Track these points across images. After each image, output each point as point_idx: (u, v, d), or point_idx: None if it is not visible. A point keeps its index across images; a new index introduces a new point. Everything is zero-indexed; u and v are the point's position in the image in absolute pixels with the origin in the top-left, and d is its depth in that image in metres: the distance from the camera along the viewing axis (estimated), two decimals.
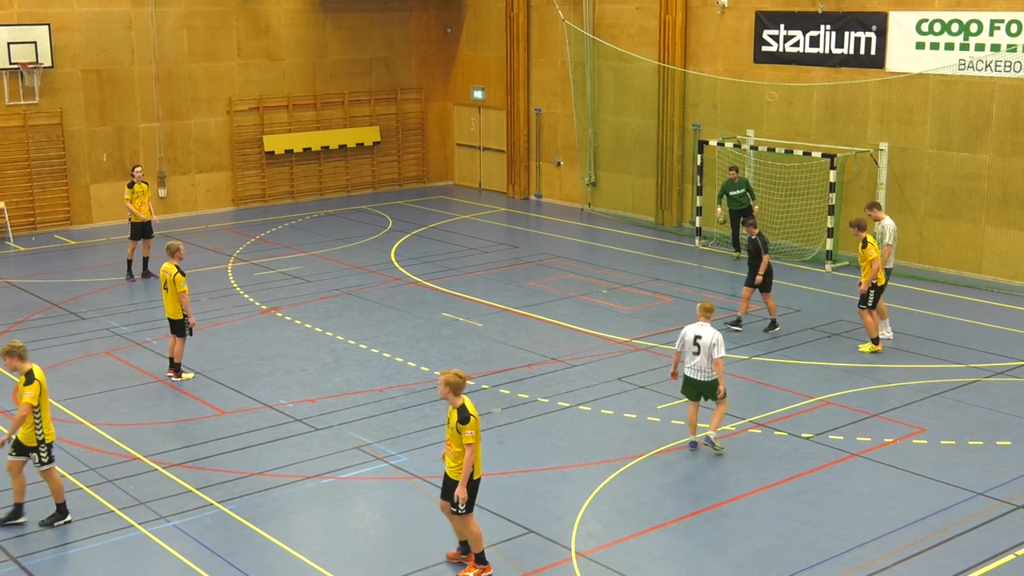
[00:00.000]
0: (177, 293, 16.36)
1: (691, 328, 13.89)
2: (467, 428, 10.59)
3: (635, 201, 28.57)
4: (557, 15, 29.42)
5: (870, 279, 17.50)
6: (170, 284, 16.44)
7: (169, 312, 16.63)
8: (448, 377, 10.71)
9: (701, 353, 13.70)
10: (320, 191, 31.44)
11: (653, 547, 11.68)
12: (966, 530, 11.94)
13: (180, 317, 16.54)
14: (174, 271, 16.41)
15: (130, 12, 27.62)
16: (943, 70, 22.25)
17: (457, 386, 10.70)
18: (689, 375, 13.89)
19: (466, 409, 10.67)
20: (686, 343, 13.82)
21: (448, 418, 10.85)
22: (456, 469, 10.78)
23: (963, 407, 15.47)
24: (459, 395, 10.73)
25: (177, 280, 16.35)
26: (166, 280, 16.51)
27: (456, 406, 10.73)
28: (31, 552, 11.57)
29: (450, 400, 10.76)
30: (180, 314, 16.51)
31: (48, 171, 27.04)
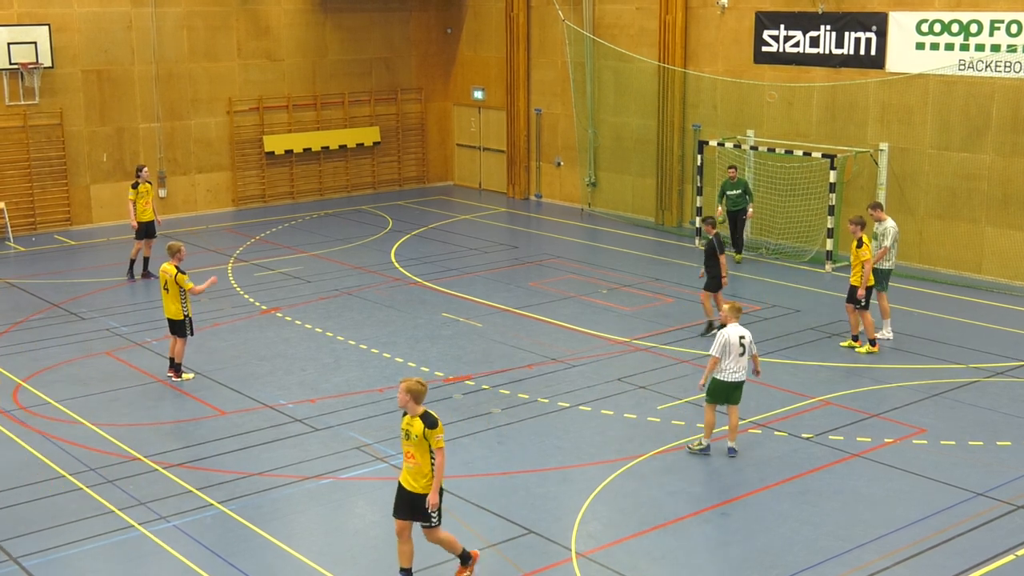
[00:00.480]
0: (177, 293, 16.35)
1: (732, 331, 13.65)
2: (437, 432, 10.30)
3: (635, 201, 28.57)
4: (557, 15, 29.42)
5: (864, 280, 17.56)
6: (170, 284, 16.42)
7: (168, 312, 16.61)
8: (411, 385, 10.35)
9: (746, 353, 13.63)
10: (320, 191, 31.44)
11: (653, 547, 11.68)
12: (966, 530, 11.94)
13: (180, 317, 16.53)
14: (174, 272, 16.40)
15: (130, 12, 27.63)
16: (943, 70, 22.25)
17: (419, 394, 10.35)
18: (722, 378, 13.63)
19: (431, 414, 10.39)
20: (731, 346, 13.56)
21: (406, 429, 10.42)
22: (427, 483, 10.39)
23: (963, 407, 15.47)
24: (420, 403, 10.38)
25: (180, 279, 16.35)
26: (166, 280, 16.49)
27: (417, 414, 10.37)
28: (31, 552, 11.57)
29: (410, 409, 10.38)
30: (180, 314, 16.51)
31: (48, 171, 27.04)
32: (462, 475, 13.38)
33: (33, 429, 14.88)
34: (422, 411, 10.40)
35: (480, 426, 14.86)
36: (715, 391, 13.77)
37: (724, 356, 13.63)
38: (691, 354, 17.73)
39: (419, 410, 10.39)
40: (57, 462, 13.79)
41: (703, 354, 17.67)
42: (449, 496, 12.77)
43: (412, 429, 10.38)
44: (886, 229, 18.22)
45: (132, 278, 22.47)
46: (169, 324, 16.73)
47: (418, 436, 10.33)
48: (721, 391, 13.75)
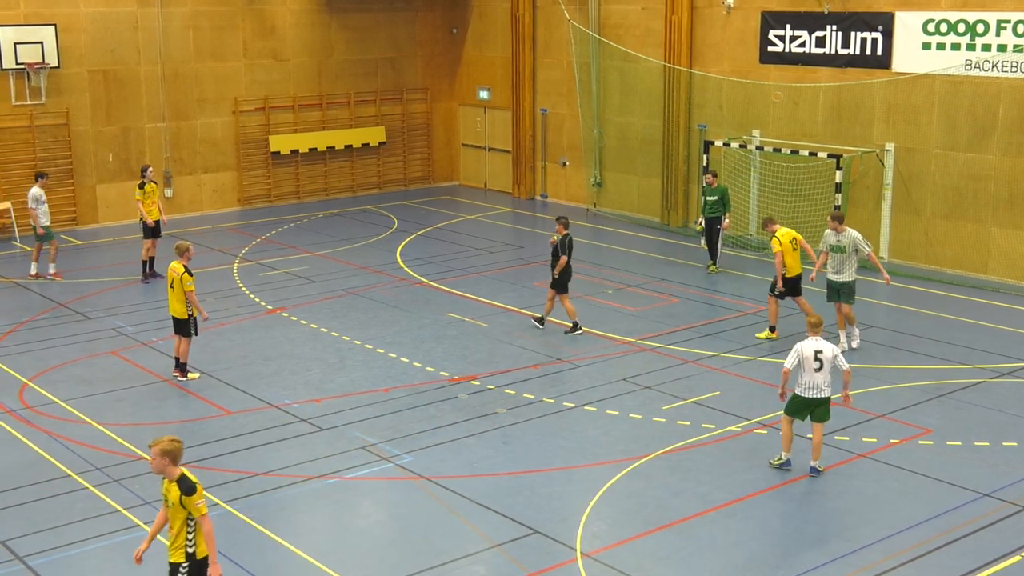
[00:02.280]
0: (184, 292, 16.35)
1: (808, 344, 13.27)
2: (196, 498, 9.11)
3: (640, 201, 28.55)
4: (563, 15, 29.41)
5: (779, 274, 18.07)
6: (176, 283, 16.43)
7: (174, 311, 16.61)
8: (164, 445, 9.15)
9: (824, 368, 13.20)
10: (325, 191, 31.46)
11: (658, 548, 11.67)
12: (972, 531, 11.92)
13: (185, 316, 16.52)
14: (181, 270, 16.38)
15: (136, 12, 27.66)
16: (949, 70, 22.21)
17: (176, 454, 9.20)
18: (799, 393, 13.29)
19: (187, 477, 9.19)
20: (806, 360, 13.19)
21: (164, 495, 9.28)
22: (182, 553, 9.33)
23: (969, 408, 15.45)
24: (178, 464, 9.24)
25: (184, 279, 16.34)
26: (173, 279, 16.49)
27: (174, 478, 9.18)
28: (37, 552, 11.59)
29: (167, 472, 9.17)
30: (185, 313, 16.50)
31: (54, 171, 27.05)
32: (467, 475, 13.39)
33: (39, 428, 14.91)
34: (179, 474, 9.21)
35: (485, 426, 14.86)
36: (793, 405, 13.39)
37: (799, 370, 13.24)
38: (696, 354, 17.72)
39: (176, 472, 9.21)
40: (63, 461, 13.81)
41: (707, 354, 17.70)
42: (454, 496, 12.79)
43: (169, 495, 9.23)
44: (855, 240, 17.49)
45: (147, 279, 22.40)
46: (174, 323, 16.72)
47: (175, 503, 9.18)
48: (799, 406, 13.33)
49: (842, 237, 17.47)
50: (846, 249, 17.45)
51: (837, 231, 17.53)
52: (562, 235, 18.73)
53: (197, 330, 16.77)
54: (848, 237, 17.45)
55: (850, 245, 17.44)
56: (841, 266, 17.55)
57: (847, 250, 17.45)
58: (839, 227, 17.53)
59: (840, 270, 17.57)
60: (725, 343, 18.27)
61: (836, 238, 17.54)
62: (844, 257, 17.50)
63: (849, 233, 17.49)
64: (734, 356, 17.65)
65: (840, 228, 17.52)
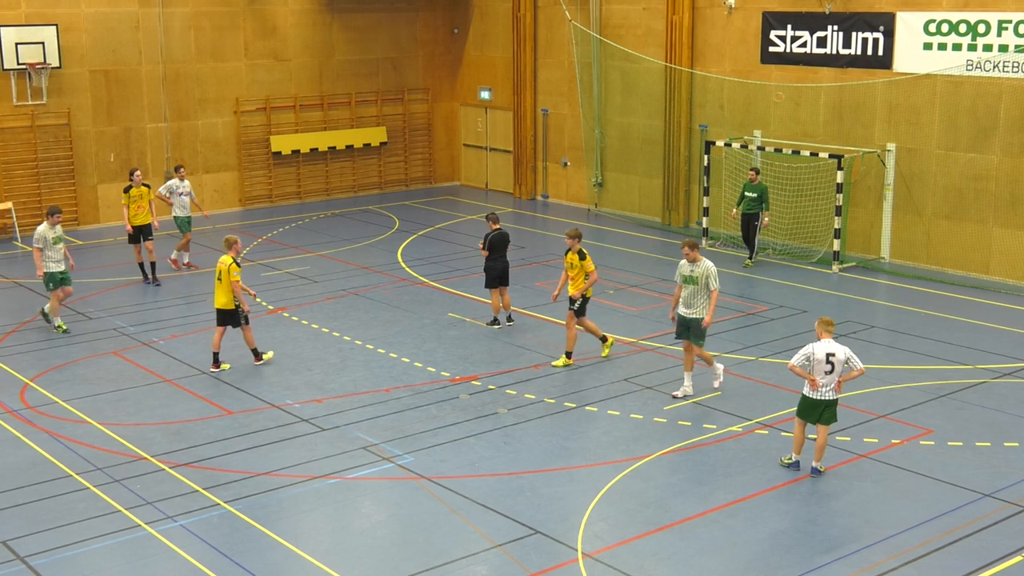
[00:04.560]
0: (231, 282, 16.76)
1: (819, 346, 13.07)
2: None
3: (642, 202, 28.56)
4: (564, 15, 29.41)
5: (582, 289, 16.97)
6: (224, 275, 16.84)
7: (219, 303, 17.02)
8: None
9: (835, 371, 13.06)
10: (327, 191, 31.46)
11: (659, 548, 11.67)
12: (974, 531, 11.92)
13: (232, 307, 16.95)
14: (229, 262, 16.85)
15: (137, 13, 27.68)
16: (951, 71, 22.21)
17: None
18: (806, 394, 13.20)
19: None
20: (817, 362, 13.03)
21: None
22: None
23: (970, 408, 15.44)
24: None
25: (232, 270, 16.78)
26: (220, 271, 16.89)
27: None
28: (38, 552, 11.59)
29: None
30: (232, 304, 16.91)
31: (56, 171, 27.10)
32: (468, 475, 13.39)
33: (40, 428, 14.91)
34: None
35: (487, 426, 14.87)
36: (802, 408, 13.32)
37: (808, 371, 13.12)
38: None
39: None
40: (64, 461, 13.82)
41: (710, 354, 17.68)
42: (455, 496, 12.80)
43: None
44: (709, 271, 15.62)
45: (147, 280, 22.33)
46: (218, 314, 17.06)
47: None
48: (808, 409, 13.24)
49: (696, 268, 15.59)
50: (699, 281, 15.60)
51: (693, 261, 15.65)
52: (493, 230, 19.19)
53: (248, 320, 17.21)
54: (702, 268, 15.57)
55: (703, 277, 15.58)
56: (692, 299, 15.70)
57: (700, 282, 15.60)
58: (696, 256, 15.67)
59: (691, 304, 15.72)
60: (726, 343, 18.26)
61: (690, 269, 15.64)
62: (696, 290, 15.65)
63: (704, 264, 15.61)
64: (735, 356, 17.64)
65: (697, 258, 15.65)
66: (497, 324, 19.24)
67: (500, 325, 19.24)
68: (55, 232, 19.03)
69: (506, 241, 19.47)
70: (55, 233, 19.02)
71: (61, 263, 19.09)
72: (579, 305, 17.10)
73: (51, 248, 18.97)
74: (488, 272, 19.18)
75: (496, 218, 19.51)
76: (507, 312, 19.40)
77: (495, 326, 19.21)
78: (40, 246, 18.97)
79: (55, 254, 19.02)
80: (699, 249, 15.75)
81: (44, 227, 19.03)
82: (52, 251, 18.99)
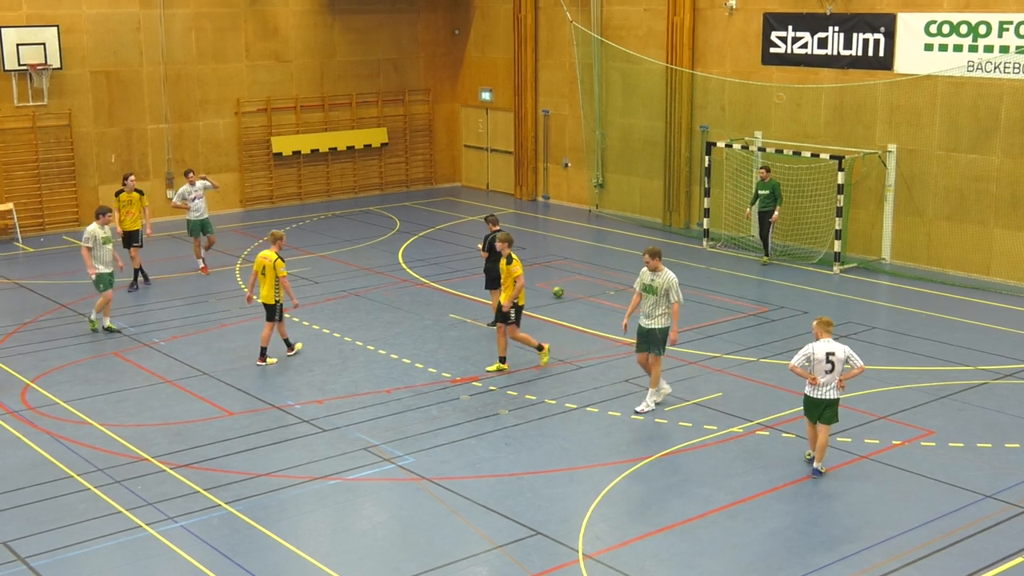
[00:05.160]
0: (273, 278, 17.12)
1: (819, 346, 13.11)
2: None
3: (643, 203, 28.55)
4: (565, 17, 29.41)
5: (512, 297, 16.47)
6: (269, 269, 17.17)
7: (265, 298, 17.34)
8: None
9: (835, 370, 13.09)
10: (328, 192, 31.47)
11: (660, 549, 11.67)
12: (975, 532, 11.91)
13: (272, 302, 17.27)
14: (274, 257, 17.19)
15: (139, 14, 27.69)
16: (952, 72, 22.20)
17: None
18: (811, 394, 13.25)
19: None
20: (817, 362, 13.09)
21: None
22: None
23: (971, 409, 15.44)
24: None
25: (277, 265, 17.14)
26: (264, 266, 17.24)
27: None
28: (39, 552, 11.59)
29: None
30: (273, 299, 17.25)
31: (57, 172, 27.12)
32: (469, 476, 13.39)
33: (41, 429, 14.92)
34: None
35: (487, 427, 14.87)
36: (806, 407, 13.41)
37: (809, 371, 13.18)
38: (698, 356, 17.71)
39: None
40: (65, 462, 13.82)
41: (709, 355, 17.69)
42: (456, 497, 12.79)
43: None
44: (670, 282, 15.08)
45: (135, 287, 21.93)
46: (266, 309, 17.46)
47: None
48: (811, 408, 13.32)
49: (657, 278, 15.06)
50: (658, 291, 15.05)
51: (654, 270, 15.13)
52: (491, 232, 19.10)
53: (281, 316, 17.51)
54: (663, 279, 15.04)
55: (662, 288, 15.04)
56: (652, 310, 15.14)
57: (659, 292, 15.05)
58: (657, 265, 15.14)
59: (651, 315, 15.16)
60: (727, 344, 18.26)
61: (651, 278, 15.12)
62: (656, 300, 15.09)
63: (665, 275, 15.07)
64: (736, 357, 17.64)
65: (658, 267, 15.13)
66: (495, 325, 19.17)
67: None
68: (104, 232, 18.86)
69: None
70: (104, 233, 18.86)
71: (110, 264, 19.01)
72: (514, 316, 16.70)
73: (100, 248, 18.85)
74: (488, 273, 19.17)
75: (495, 219, 19.50)
76: None
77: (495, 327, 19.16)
78: (90, 245, 18.83)
79: (104, 255, 18.90)
80: (661, 258, 15.18)
81: (94, 227, 18.90)
82: (101, 251, 18.86)
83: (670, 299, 15.08)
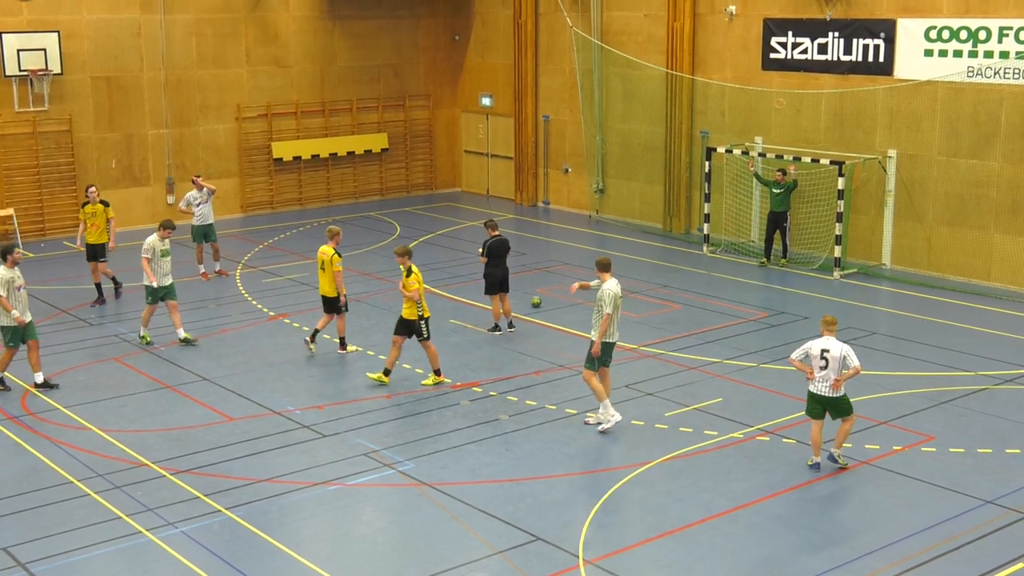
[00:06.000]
0: (333, 272, 17.64)
1: (817, 343, 13.41)
2: None
3: (643, 208, 28.56)
4: (565, 22, 29.44)
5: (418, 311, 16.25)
6: (327, 264, 17.74)
7: (324, 291, 17.97)
8: None
9: (829, 367, 13.27)
10: (328, 198, 31.47)
11: (660, 555, 11.66)
12: (975, 538, 11.91)
13: (334, 295, 17.83)
14: (331, 252, 17.77)
15: (139, 19, 27.72)
16: (952, 77, 22.22)
17: None
18: (811, 389, 13.48)
19: None
20: (812, 357, 13.38)
21: None
22: None
23: (972, 415, 15.43)
24: None
25: (334, 260, 17.70)
26: (323, 261, 17.84)
27: None
28: (39, 558, 11.59)
29: None
30: (334, 292, 17.79)
31: (57, 177, 27.13)
32: (469, 482, 13.38)
33: (41, 435, 14.91)
34: None
35: (488, 433, 14.86)
36: (808, 402, 13.64)
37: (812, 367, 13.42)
38: (699, 361, 17.71)
39: None
40: (65, 468, 13.82)
41: (709, 361, 17.70)
42: (456, 503, 12.79)
43: None
44: (603, 293, 14.72)
45: (100, 302, 21.21)
46: (324, 302, 18.03)
47: None
48: (813, 403, 13.56)
49: (601, 288, 14.79)
50: (597, 301, 14.85)
51: (601, 279, 14.88)
52: (493, 237, 19.22)
53: (348, 307, 18.22)
54: (602, 289, 14.74)
55: (599, 299, 14.76)
56: (594, 320, 14.87)
57: (597, 302, 14.84)
58: (600, 275, 14.87)
59: (593, 325, 14.92)
60: (727, 350, 18.26)
61: (597, 287, 14.91)
62: (597, 310, 14.82)
63: (605, 285, 14.73)
64: (736, 363, 17.64)
65: (601, 276, 14.83)
66: (498, 330, 19.24)
67: (501, 331, 19.24)
68: (164, 245, 18.61)
69: (506, 248, 19.46)
70: (164, 246, 18.60)
71: (167, 277, 18.68)
72: (426, 329, 16.41)
73: (157, 261, 18.55)
74: (488, 279, 19.19)
75: (495, 225, 19.53)
76: (508, 319, 19.39)
77: (496, 332, 19.21)
78: (148, 256, 18.51)
79: (162, 267, 18.61)
80: (609, 270, 14.80)
81: (154, 238, 18.60)
82: (158, 264, 18.56)
83: (602, 311, 14.66)
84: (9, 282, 16.41)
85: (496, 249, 19.22)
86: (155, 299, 18.70)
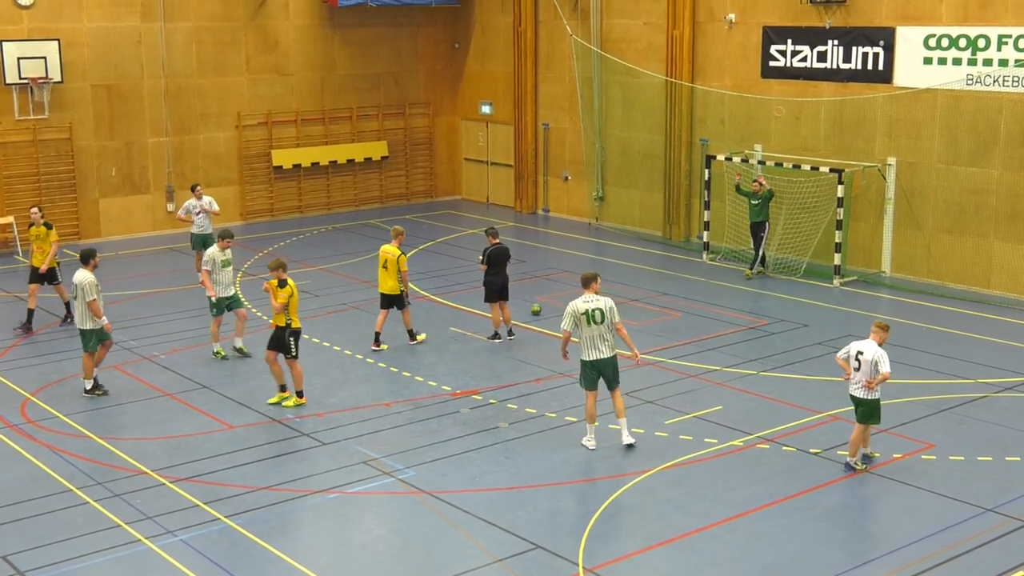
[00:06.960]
0: (395, 271, 18.41)
1: (857, 344, 13.68)
2: None
3: (643, 216, 28.57)
4: (565, 30, 29.47)
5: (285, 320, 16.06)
6: (391, 263, 18.46)
7: (385, 288, 18.62)
8: None
9: (862, 369, 13.49)
10: (328, 205, 31.49)
11: (660, 563, 11.64)
12: (975, 546, 11.89)
13: (398, 291, 18.57)
14: (397, 252, 18.52)
15: (139, 27, 27.75)
16: (951, 85, 22.24)
17: None
18: (849, 391, 13.76)
19: None
20: (849, 358, 13.69)
21: None
22: None
23: (972, 423, 15.42)
24: None
25: (400, 260, 18.47)
26: (387, 259, 18.55)
27: None
28: (38, 567, 11.57)
29: None
30: (398, 289, 18.54)
31: (57, 186, 27.14)
32: (469, 490, 13.37)
33: (41, 443, 14.90)
34: None
35: (487, 441, 14.85)
36: (854, 406, 13.86)
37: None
38: (699, 369, 17.71)
39: None
40: (64, 476, 13.81)
41: (709, 368, 17.69)
42: (456, 511, 12.77)
43: None
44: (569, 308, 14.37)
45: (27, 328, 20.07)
46: (384, 298, 18.70)
47: None
48: (853, 403, 13.82)
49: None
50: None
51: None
52: (493, 245, 19.36)
53: (410, 300, 19.02)
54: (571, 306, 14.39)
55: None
56: None
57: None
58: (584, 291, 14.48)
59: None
60: (727, 357, 18.26)
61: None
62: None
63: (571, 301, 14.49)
64: (736, 370, 17.63)
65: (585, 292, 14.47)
66: (498, 338, 19.24)
67: (501, 339, 19.24)
68: (224, 256, 18.32)
69: (506, 255, 19.47)
70: (224, 256, 18.32)
71: (230, 288, 18.48)
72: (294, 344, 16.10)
73: (219, 272, 18.26)
74: (487, 287, 19.20)
75: (495, 232, 19.57)
76: (508, 326, 19.39)
77: (496, 340, 19.21)
78: (209, 268, 18.23)
79: (223, 278, 18.35)
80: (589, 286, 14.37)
81: (214, 249, 18.36)
82: (220, 275, 18.28)
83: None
84: (97, 286, 16.58)
85: (496, 257, 19.24)
86: (220, 311, 18.43)
